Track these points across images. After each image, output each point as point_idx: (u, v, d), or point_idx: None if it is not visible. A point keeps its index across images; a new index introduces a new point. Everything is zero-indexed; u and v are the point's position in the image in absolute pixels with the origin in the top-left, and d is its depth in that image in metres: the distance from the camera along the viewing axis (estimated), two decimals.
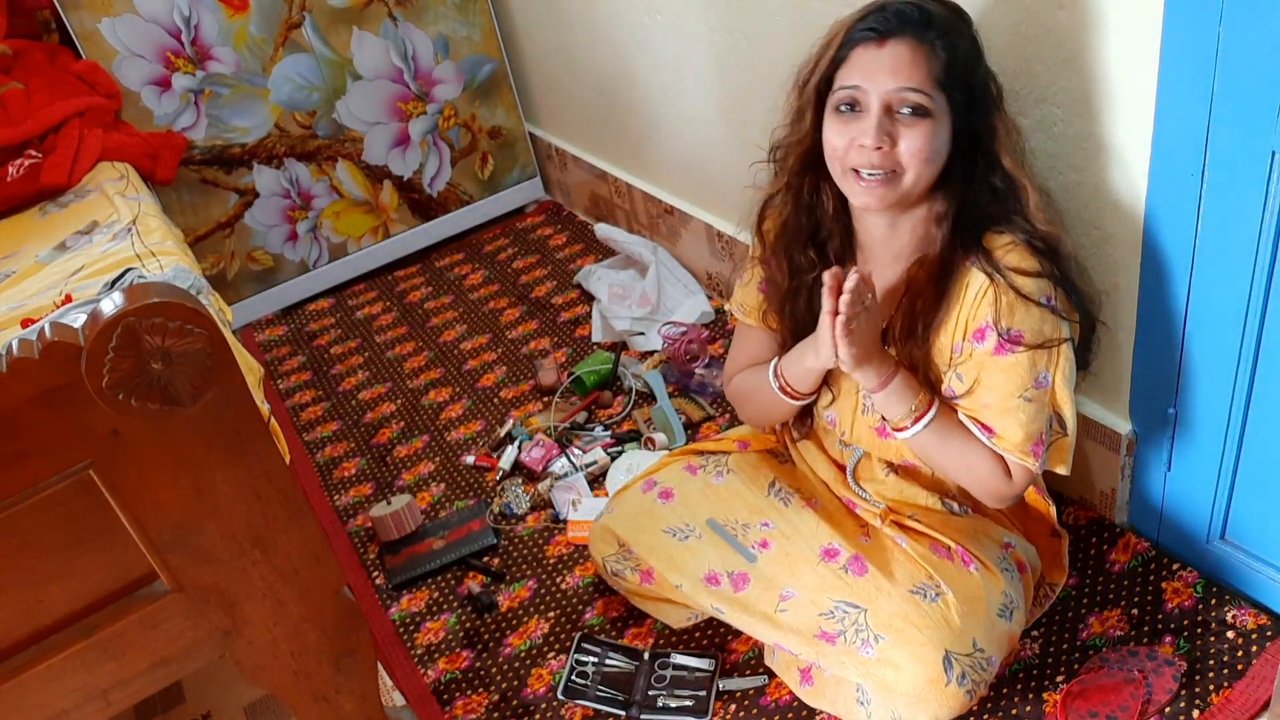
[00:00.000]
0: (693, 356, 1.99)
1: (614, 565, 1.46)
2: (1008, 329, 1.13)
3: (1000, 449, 1.18)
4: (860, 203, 1.16)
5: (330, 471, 2.00)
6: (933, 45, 1.09)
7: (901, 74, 1.08)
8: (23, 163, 1.88)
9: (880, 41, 1.09)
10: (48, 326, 0.86)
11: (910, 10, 1.10)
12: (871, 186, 1.13)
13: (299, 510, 1.03)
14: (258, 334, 2.55)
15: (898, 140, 1.10)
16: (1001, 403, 1.16)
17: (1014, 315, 1.13)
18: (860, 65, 1.11)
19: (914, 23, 1.09)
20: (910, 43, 1.09)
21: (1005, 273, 1.13)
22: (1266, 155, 1.05)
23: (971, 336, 1.17)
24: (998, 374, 1.15)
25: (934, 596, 1.20)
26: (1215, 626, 1.29)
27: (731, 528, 1.37)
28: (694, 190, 2.20)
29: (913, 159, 1.10)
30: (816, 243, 1.26)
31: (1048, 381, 1.16)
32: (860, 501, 1.34)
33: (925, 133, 1.10)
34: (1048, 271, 1.13)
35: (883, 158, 1.11)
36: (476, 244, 2.76)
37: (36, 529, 0.91)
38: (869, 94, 1.10)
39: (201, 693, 1.56)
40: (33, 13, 2.27)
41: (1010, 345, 1.13)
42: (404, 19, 2.48)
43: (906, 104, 1.09)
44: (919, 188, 1.14)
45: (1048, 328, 1.14)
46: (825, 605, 1.25)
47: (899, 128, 1.10)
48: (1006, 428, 1.16)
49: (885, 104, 1.10)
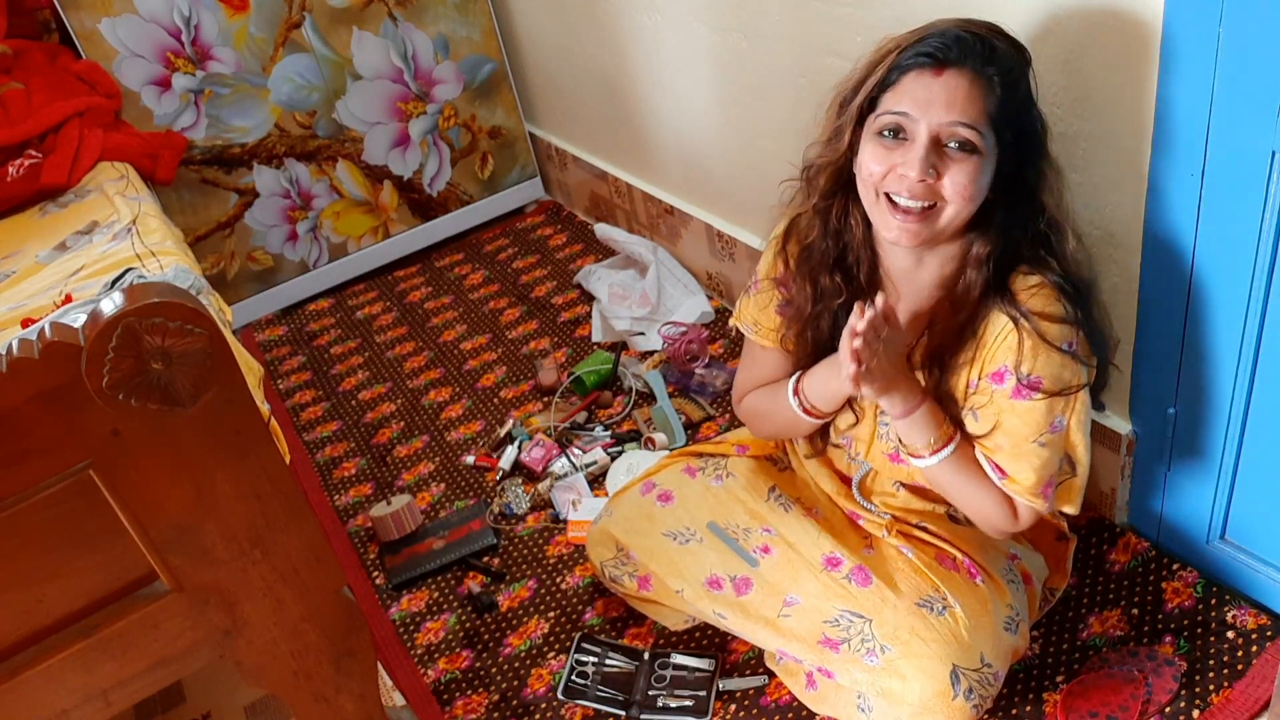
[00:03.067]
0: (693, 356, 1.99)
1: (612, 571, 1.46)
2: (1027, 374, 1.10)
3: (1010, 491, 1.16)
4: (891, 236, 1.10)
5: (330, 471, 2.00)
6: (991, 80, 1.03)
7: (956, 107, 1.03)
8: (23, 163, 1.88)
9: (938, 70, 1.03)
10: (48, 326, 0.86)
11: (973, 40, 1.04)
12: (907, 221, 1.07)
13: (299, 510, 1.03)
14: (258, 334, 2.55)
15: (943, 174, 1.05)
16: (1015, 446, 1.13)
17: (1035, 360, 1.09)
18: (912, 92, 1.04)
19: (976, 54, 1.03)
20: (970, 75, 1.03)
21: (1030, 317, 1.09)
22: (1266, 155, 1.05)
23: (990, 377, 1.14)
24: (1013, 417, 1.12)
25: (941, 609, 1.19)
26: (1215, 626, 1.29)
27: (732, 531, 1.37)
28: (694, 190, 2.20)
29: (956, 195, 1.05)
30: (843, 268, 1.22)
31: (1063, 426, 1.13)
32: (865, 514, 1.32)
33: (972, 170, 1.05)
34: (1072, 318, 1.10)
35: (926, 190, 1.06)
36: (476, 244, 2.76)
37: (36, 529, 0.91)
38: (918, 123, 1.04)
39: (201, 693, 1.56)
40: (33, 13, 2.27)
41: (1028, 390, 1.10)
42: (404, 19, 2.48)
43: (956, 139, 1.04)
44: (955, 225, 1.09)
45: (1067, 374, 1.11)
46: (830, 613, 1.24)
47: (945, 161, 1.05)
48: (1019, 471, 1.14)
49: (934, 135, 1.04)
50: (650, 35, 2.04)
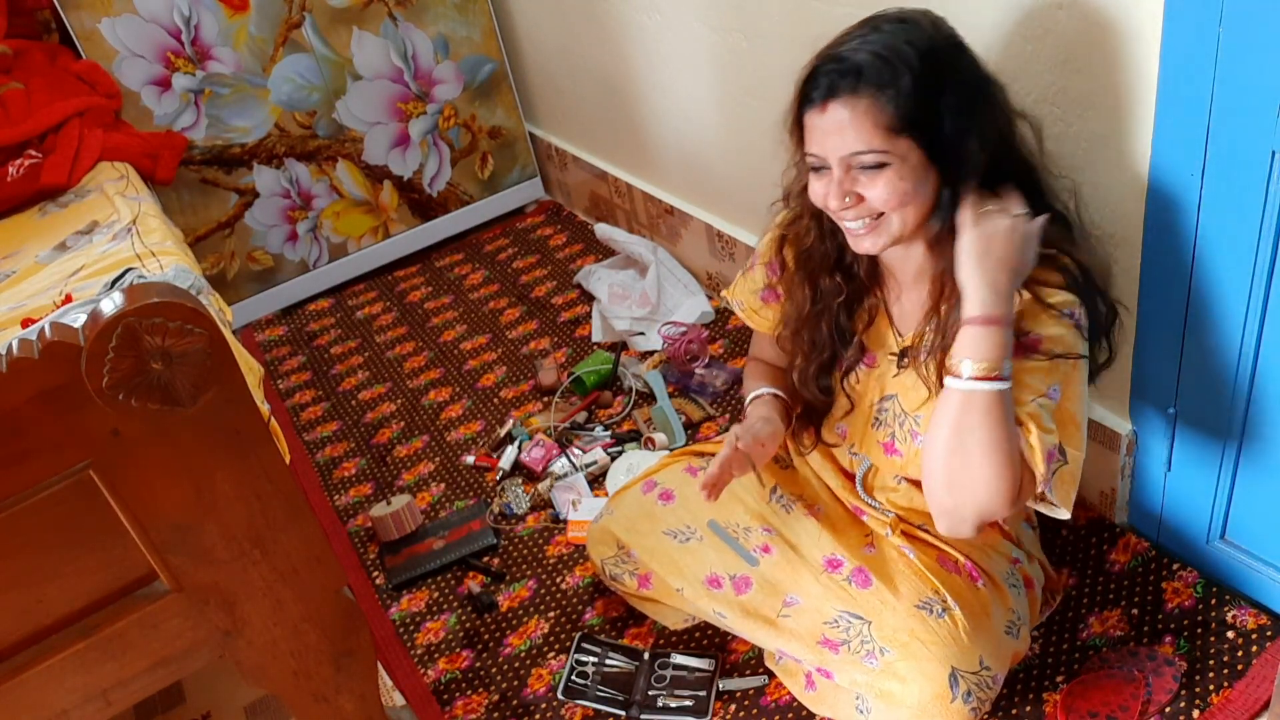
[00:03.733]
0: (693, 356, 1.99)
1: (612, 569, 1.46)
2: (1027, 331, 1.09)
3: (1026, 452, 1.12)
4: (860, 250, 1.15)
5: (330, 471, 2.00)
6: (873, 98, 1.04)
7: (848, 137, 1.06)
8: (23, 163, 1.88)
9: (821, 107, 1.07)
10: (48, 326, 0.86)
11: (840, 65, 1.06)
12: (862, 235, 1.12)
13: (299, 510, 1.03)
14: (258, 334, 2.55)
15: (863, 194, 1.09)
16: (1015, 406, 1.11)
17: (1035, 321, 1.09)
18: (811, 132, 1.10)
19: (845, 79, 1.05)
20: (848, 103, 1.05)
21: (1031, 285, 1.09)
22: (1266, 155, 1.05)
23: None
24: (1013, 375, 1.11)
25: (941, 612, 1.19)
26: (1215, 626, 1.29)
27: (733, 530, 1.37)
28: (694, 190, 2.20)
29: (886, 204, 1.08)
30: (843, 267, 1.25)
31: (1056, 396, 1.11)
32: (869, 510, 1.32)
33: (888, 181, 1.07)
34: (1073, 284, 1.10)
35: (857, 210, 1.10)
36: (476, 244, 2.76)
37: (36, 529, 0.91)
38: (826, 158, 1.09)
39: (201, 693, 1.56)
40: (33, 13, 2.27)
41: (1027, 350, 1.09)
42: (404, 19, 2.48)
43: (860, 164, 1.08)
44: (910, 226, 1.11)
45: (1069, 338, 1.10)
46: (829, 614, 1.24)
47: (861, 182, 1.09)
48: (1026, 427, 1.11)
49: (844, 165, 1.08)
50: (650, 35, 2.04)
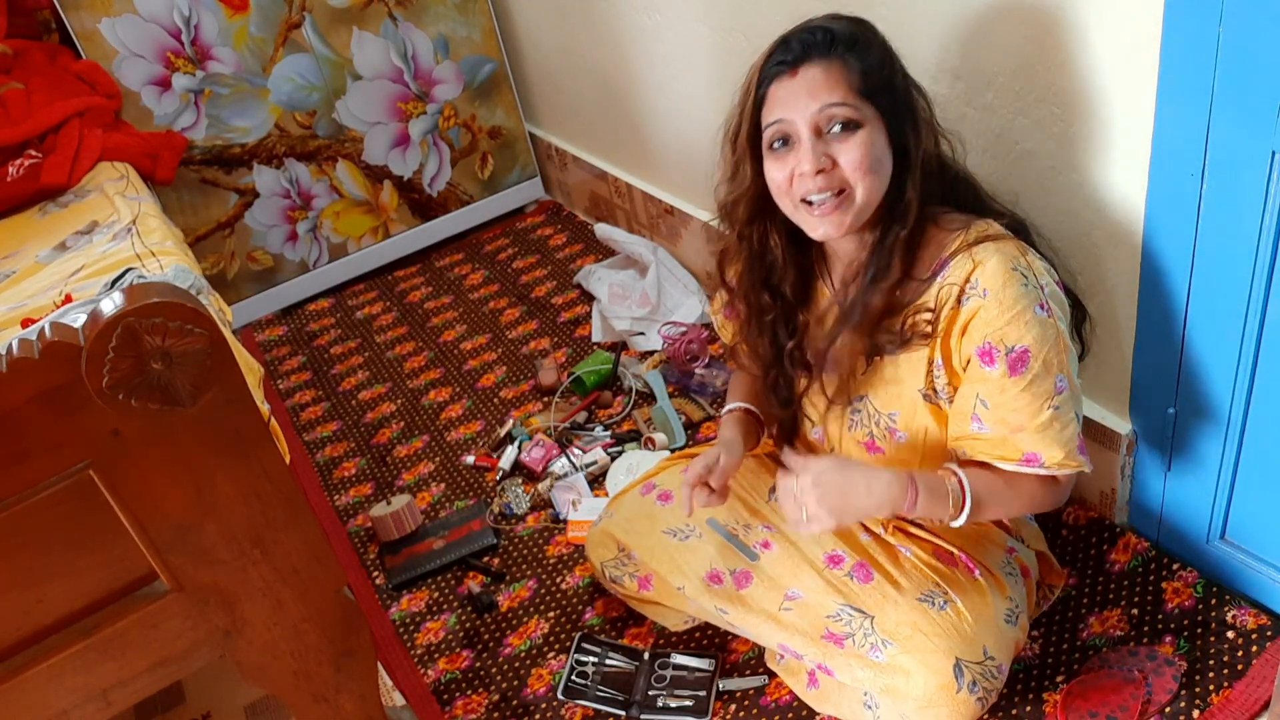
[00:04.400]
0: (693, 356, 1.99)
1: (612, 571, 1.46)
2: (1013, 346, 1.09)
3: (1052, 470, 1.14)
4: (819, 234, 1.14)
5: (330, 471, 2.00)
6: (844, 59, 1.09)
7: (820, 93, 1.08)
8: (23, 163, 1.88)
9: (792, 72, 1.10)
10: (48, 326, 0.86)
11: (811, 35, 1.10)
12: (825, 214, 1.11)
13: (299, 510, 1.03)
14: (258, 334, 2.55)
15: (836, 159, 1.09)
16: (1033, 420, 1.11)
17: (1015, 331, 1.09)
18: (780, 99, 1.11)
19: (818, 44, 1.09)
20: (821, 64, 1.09)
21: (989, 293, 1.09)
22: (1266, 155, 1.05)
23: (978, 356, 1.12)
24: (1020, 394, 1.11)
25: (943, 604, 1.19)
26: (1215, 626, 1.29)
27: (732, 527, 1.37)
28: (694, 190, 2.20)
29: (856, 171, 1.09)
30: (770, 286, 1.27)
31: (1065, 384, 1.12)
32: None
33: (861, 142, 1.09)
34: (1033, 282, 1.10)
35: (827, 179, 1.10)
36: (476, 244, 2.76)
37: (36, 529, 0.91)
38: (795, 123, 1.10)
39: (201, 693, 1.56)
40: (33, 13, 2.27)
41: (1020, 364, 1.10)
42: (404, 19, 2.48)
43: (834, 120, 1.09)
44: (873, 201, 1.12)
45: (1050, 332, 1.10)
46: (831, 608, 1.24)
47: (834, 146, 1.09)
48: (1048, 446, 1.12)
49: (814, 127, 1.09)
50: (650, 35, 2.04)
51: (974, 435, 1.16)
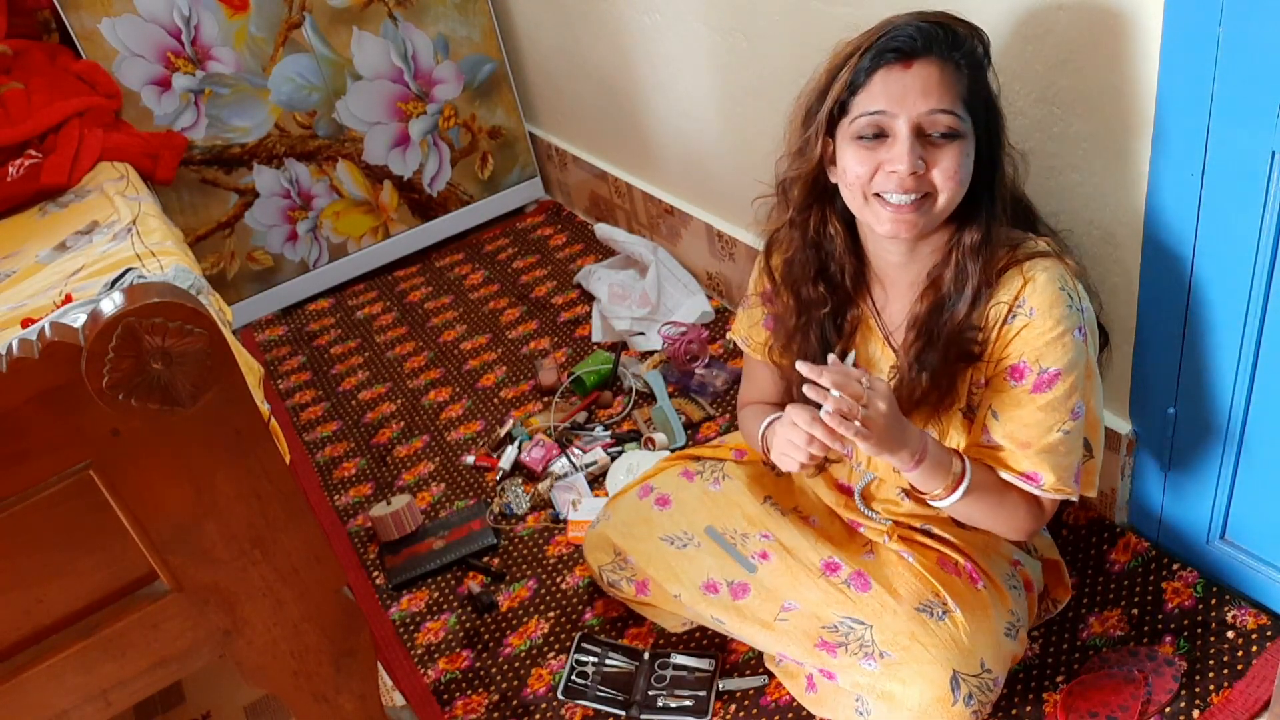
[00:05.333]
0: (693, 356, 1.99)
1: (610, 575, 1.46)
2: (1045, 367, 1.09)
3: (1044, 491, 1.13)
4: (888, 231, 1.09)
5: (330, 471, 2.00)
6: (959, 65, 1.05)
7: (933, 95, 1.03)
8: (23, 163, 1.88)
9: (906, 63, 1.04)
10: (48, 326, 0.86)
11: (933, 29, 1.05)
12: (902, 213, 1.07)
13: (299, 510, 1.03)
14: (258, 334, 2.55)
15: (931, 164, 1.05)
16: (1041, 439, 1.11)
17: (1052, 352, 1.08)
18: (885, 89, 1.05)
19: (941, 41, 1.04)
20: (938, 62, 1.04)
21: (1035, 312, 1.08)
22: (1266, 155, 1.05)
23: (1007, 373, 1.12)
24: (1037, 411, 1.10)
25: (941, 615, 1.18)
26: (1215, 626, 1.29)
27: (730, 536, 1.37)
28: (694, 190, 2.20)
29: (946, 181, 1.05)
30: (826, 276, 1.21)
31: (1083, 411, 1.12)
32: (866, 522, 1.31)
33: (958, 153, 1.05)
34: (1078, 304, 1.09)
35: (916, 182, 1.05)
36: (476, 244, 2.76)
37: (36, 529, 0.91)
38: (898, 118, 1.04)
39: (201, 693, 1.56)
40: (33, 13, 2.27)
41: (1048, 384, 1.09)
42: (404, 19, 2.48)
43: (938, 127, 1.04)
44: (946, 213, 1.09)
45: (1081, 359, 1.10)
46: (829, 619, 1.24)
47: (931, 150, 1.05)
48: (1046, 467, 1.12)
49: (916, 127, 1.04)
50: (650, 35, 2.04)
51: (982, 445, 1.16)
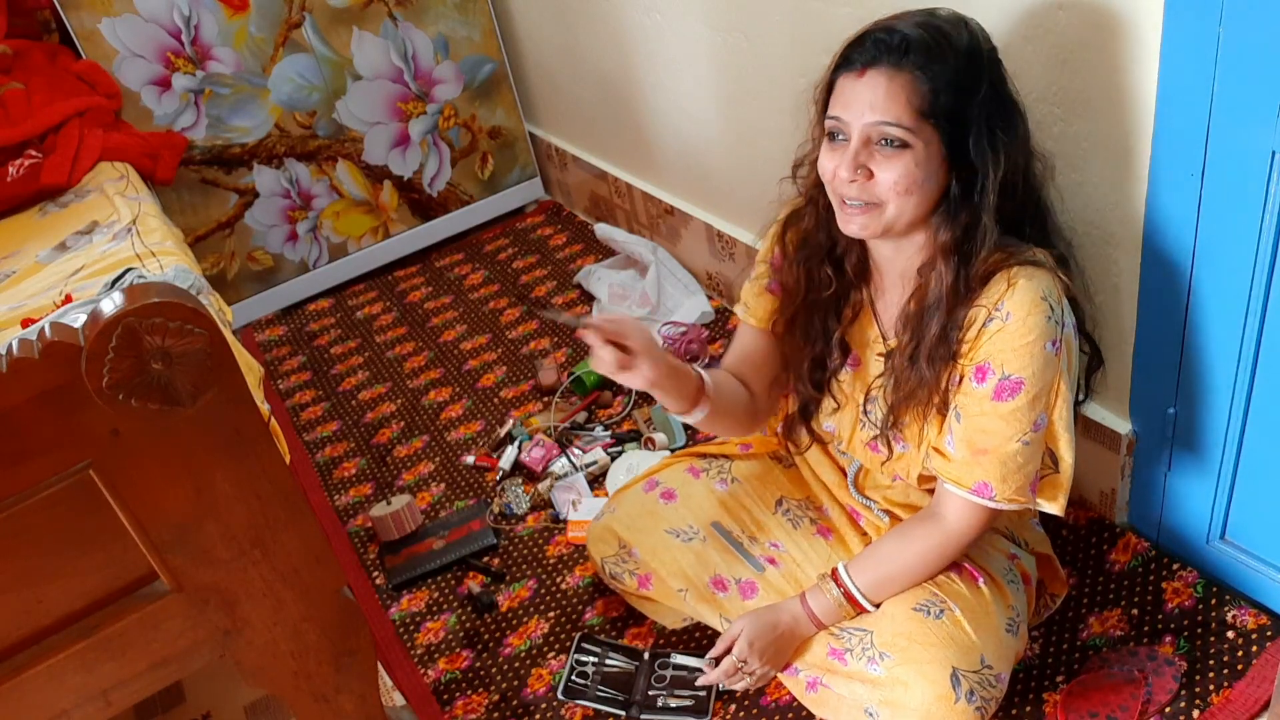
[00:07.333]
0: (693, 356, 1.99)
1: (612, 568, 1.46)
2: (1009, 374, 1.09)
3: (995, 504, 1.14)
4: (848, 231, 1.13)
5: (330, 471, 2.00)
6: (913, 73, 1.04)
7: (878, 107, 1.04)
8: (23, 163, 1.88)
9: (860, 72, 1.06)
10: (48, 326, 0.86)
11: (888, 37, 1.05)
12: (854, 215, 1.10)
13: (299, 510, 1.03)
14: (258, 334, 2.55)
15: (878, 173, 1.07)
16: (999, 448, 1.11)
17: (1018, 360, 1.08)
18: (842, 95, 1.08)
19: (891, 50, 1.04)
20: (886, 73, 1.04)
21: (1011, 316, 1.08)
22: (1266, 155, 1.05)
23: (973, 373, 1.12)
24: (996, 420, 1.10)
25: (939, 613, 1.18)
26: (1215, 626, 1.29)
27: (737, 534, 1.37)
28: (694, 190, 2.20)
29: (889, 191, 1.07)
30: (833, 259, 1.23)
31: (1044, 423, 1.12)
32: (864, 511, 1.32)
33: (903, 165, 1.05)
34: (1057, 316, 1.08)
35: (860, 189, 1.08)
36: (476, 244, 2.76)
37: (36, 529, 0.91)
38: (849, 125, 1.07)
39: (201, 693, 1.56)
40: (33, 13, 2.27)
41: (1009, 393, 1.09)
42: (404, 19, 2.48)
43: (884, 137, 1.05)
44: (903, 219, 1.09)
45: (1049, 372, 1.09)
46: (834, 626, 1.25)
47: (877, 159, 1.06)
48: (995, 478, 1.12)
49: (865, 136, 1.06)
50: (650, 35, 2.04)
51: (943, 450, 1.17)
